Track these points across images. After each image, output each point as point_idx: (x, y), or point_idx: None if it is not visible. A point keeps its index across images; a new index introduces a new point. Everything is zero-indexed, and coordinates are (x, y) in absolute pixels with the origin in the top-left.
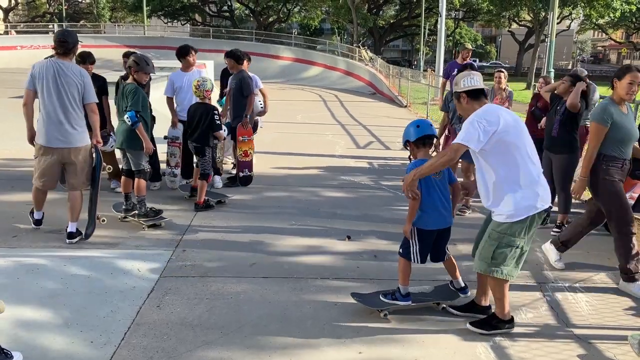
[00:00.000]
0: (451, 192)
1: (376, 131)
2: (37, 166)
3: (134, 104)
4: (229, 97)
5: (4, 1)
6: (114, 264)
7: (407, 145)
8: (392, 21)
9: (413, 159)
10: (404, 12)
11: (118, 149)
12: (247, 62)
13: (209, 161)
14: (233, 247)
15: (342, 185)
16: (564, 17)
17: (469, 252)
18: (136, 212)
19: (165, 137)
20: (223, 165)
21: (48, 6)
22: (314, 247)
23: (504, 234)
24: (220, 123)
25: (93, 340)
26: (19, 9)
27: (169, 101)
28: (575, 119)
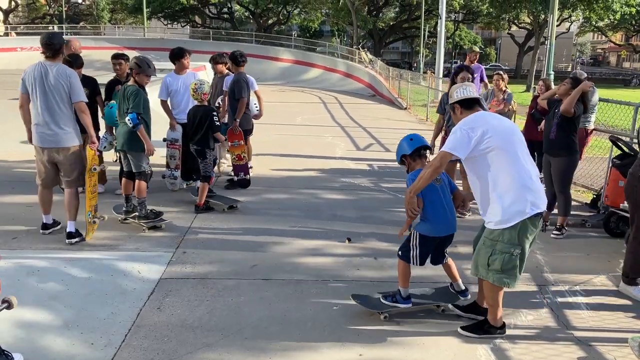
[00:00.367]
0: (452, 199)
1: (376, 133)
2: (36, 166)
3: (136, 105)
4: (226, 98)
5: (4, 3)
6: (114, 265)
7: (404, 160)
8: (392, 23)
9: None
10: (404, 14)
11: (119, 150)
12: (224, 65)
13: (210, 163)
14: (233, 249)
15: (342, 187)
16: (563, 20)
17: (469, 254)
18: (137, 213)
19: (164, 139)
20: (220, 168)
21: (48, 8)
22: (314, 249)
23: (497, 241)
24: (219, 124)
25: (94, 341)
26: (19, 10)
27: (164, 104)
28: (573, 121)
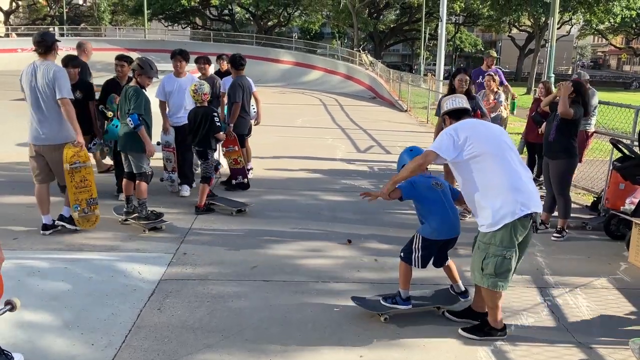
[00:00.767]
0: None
1: (376, 135)
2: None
3: (137, 106)
4: (224, 99)
5: (5, 4)
6: (114, 266)
7: None
8: (392, 25)
9: None
10: (405, 16)
11: (120, 151)
12: (208, 65)
13: (211, 164)
14: (234, 250)
15: (343, 189)
16: (564, 23)
17: (469, 255)
18: (137, 214)
19: (158, 143)
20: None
21: (49, 9)
22: (314, 251)
23: (489, 244)
24: (220, 125)
25: (94, 342)
26: (20, 11)
27: (161, 105)
28: (573, 123)
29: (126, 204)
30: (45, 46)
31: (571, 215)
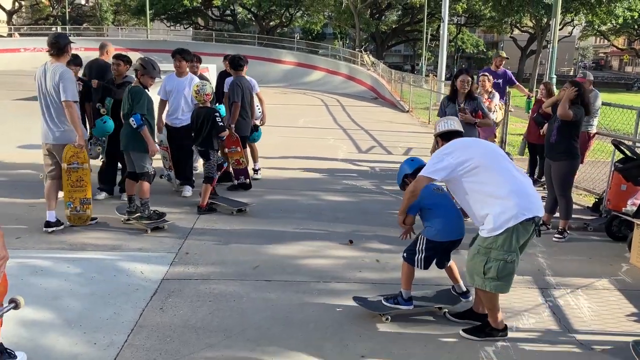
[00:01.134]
0: None
1: (378, 136)
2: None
3: (140, 106)
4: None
5: (8, 4)
6: (117, 266)
7: (406, 180)
8: (394, 26)
9: None
10: (406, 17)
11: (122, 151)
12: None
13: (213, 165)
14: (236, 250)
15: (344, 190)
16: (566, 24)
17: None
18: (139, 214)
19: (160, 142)
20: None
21: (51, 9)
22: (316, 251)
23: (490, 248)
24: (222, 124)
25: (96, 341)
26: (23, 11)
27: (161, 103)
28: (574, 125)
29: (128, 204)
30: (58, 48)
31: (573, 216)
